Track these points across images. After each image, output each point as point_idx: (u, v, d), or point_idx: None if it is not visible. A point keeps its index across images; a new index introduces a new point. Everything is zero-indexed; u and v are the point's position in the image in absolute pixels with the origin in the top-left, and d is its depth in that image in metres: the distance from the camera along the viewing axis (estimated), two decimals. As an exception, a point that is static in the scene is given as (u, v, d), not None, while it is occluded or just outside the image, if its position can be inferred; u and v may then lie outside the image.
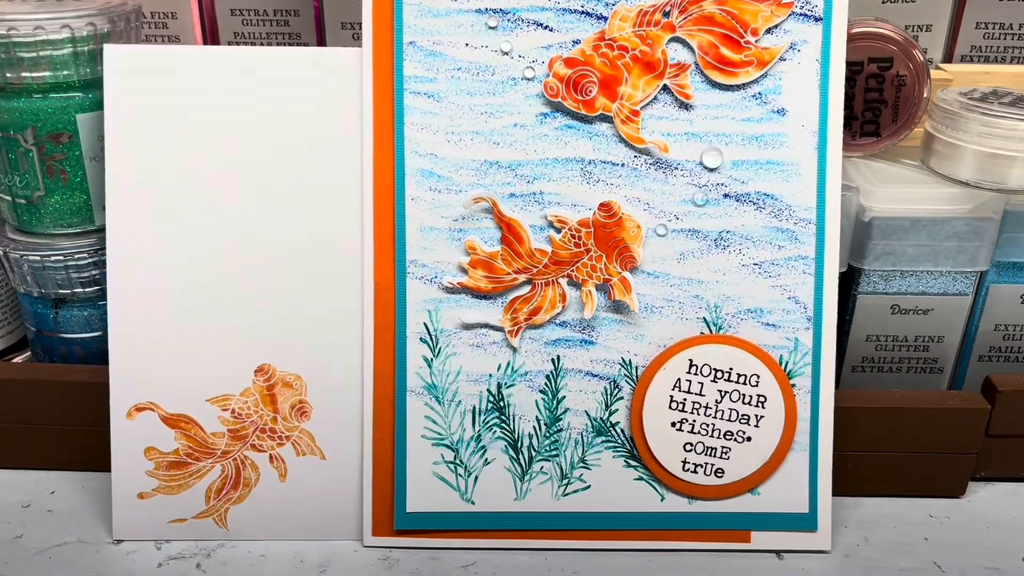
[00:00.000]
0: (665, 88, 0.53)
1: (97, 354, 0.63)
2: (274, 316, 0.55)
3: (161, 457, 0.57)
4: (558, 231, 0.54)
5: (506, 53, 0.53)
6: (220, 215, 0.55)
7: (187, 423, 0.56)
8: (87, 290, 0.62)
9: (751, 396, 0.55)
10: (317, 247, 0.55)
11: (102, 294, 0.60)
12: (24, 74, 0.56)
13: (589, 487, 0.56)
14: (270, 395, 0.56)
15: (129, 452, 0.56)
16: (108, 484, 0.56)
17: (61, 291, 0.62)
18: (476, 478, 0.56)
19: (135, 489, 0.57)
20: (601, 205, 0.54)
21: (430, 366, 0.55)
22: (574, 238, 0.54)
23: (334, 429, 0.56)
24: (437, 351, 0.55)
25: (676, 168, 0.54)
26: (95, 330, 0.63)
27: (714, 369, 0.55)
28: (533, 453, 0.56)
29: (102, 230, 0.59)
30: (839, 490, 0.59)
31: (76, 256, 0.61)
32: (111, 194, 0.55)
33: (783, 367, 0.55)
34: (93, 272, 0.62)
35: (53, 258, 0.60)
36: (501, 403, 0.55)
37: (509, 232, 0.54)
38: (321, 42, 0.74)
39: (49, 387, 0.60)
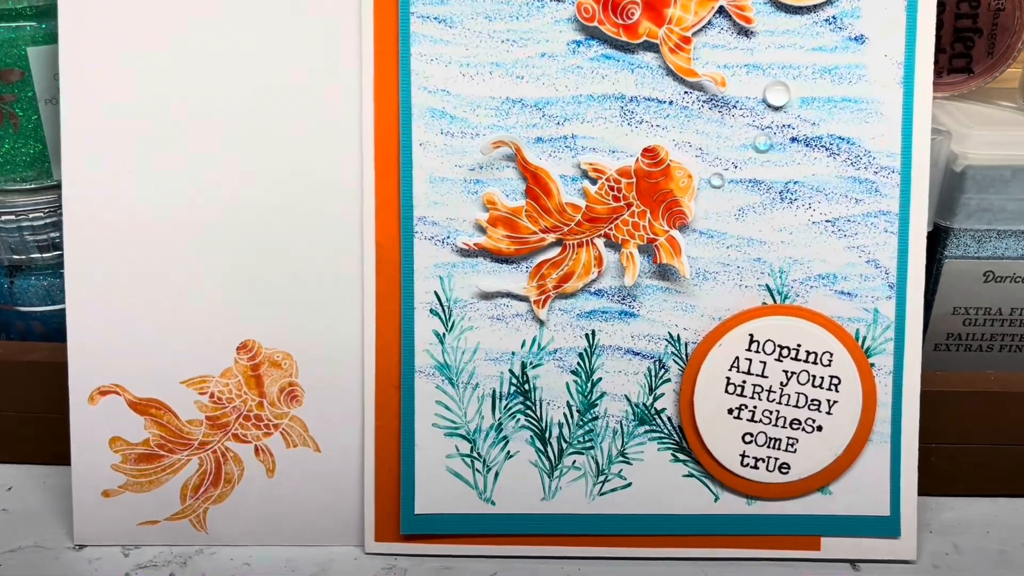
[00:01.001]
0: (721, 10, 0.49)
1: (59, 330, 0.59)
2: (259, 284, 0.52)
3: (128, 449, 0.53)
4: (593, 182, 0.50)
5: (532, -32, 0.49)
6: (196, 166, 0.51)
7: (158, 409, 0.53)
8: (45, 256, 0.59)
9: (822, 378, 0.50)
10: (309, 203, 0.51)
11: (63, 260, 0.53)
12: (-36, 2, 0.53)
13: (630, 485, 0.52)
14: (255, 376, 0.53)
15: (91, 443, 0.53)
16: (70, 480, 0.53)
17: (15, 257, 0.59)
18: (496, 474, 0.52)
19: (99, 486, 0.53)
20: (645, 151, 0.49)
21: (442, 342, 0.51)
22: (612, 190, 0.50)
23: (330, 416, 0.53)
24: (450, 325, 0.51)
25: (734, 107, 0.50)
26: (57, 302, 0.60)
27: (779, 346, 0.50)
28: (564, 445, 0.52)
29: (60, 186, 0.52)
30: (925, 489, 0.54)
31: (32, 216, 0.57)
32: (68, 142, 0.51)
33: (860, 343, 0.51)
34: (52, 234, 0.58)
35: (4, 218, 0.57)
36: (526, 386, 0.52)
37: (535, 183, 0.50)
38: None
39: (3, 368, 0.57)
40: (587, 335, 0.51)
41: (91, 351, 0.52)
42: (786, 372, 0.51)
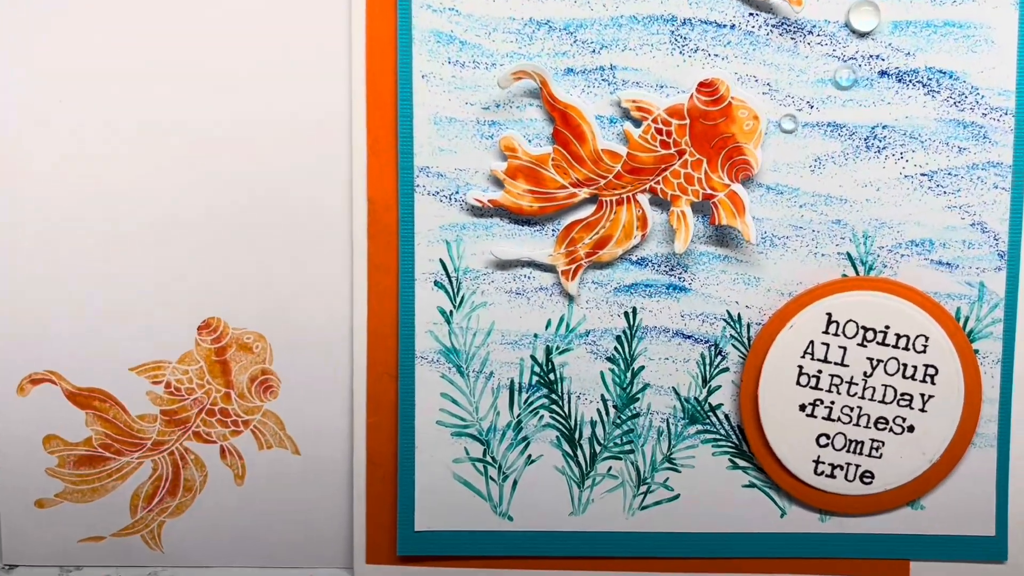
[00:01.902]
0: (797, -89, 0.46)
1: None
2: (225, 252, 0.50)
3: (66, 449, 0.52)
4: (637, 124, 0.47)
5: None
6: (149, 106, 0.49)
7: (103, 401, 0.51)
8: None
9: (915, 367, 0.48)
10: (286, 152, 0.49)
11: None
12: None
13: (677, 497, 0.50)
14: (220, 362, 0.51)
15: (21, 442, 0.51)
16: None
17: None
18: (515, 483, 0.50)
19: (31, 494, 0.52)
20: (700, 85, 0.46)
21: (449, 322, 0.49)
22: (660, 134, 0.47)
23: (312, 412, 0.51)
24: (459, 300, 0.49)
25: (811, 32, 0.47)
26: None
27: (863, 327, 0.48)
28: (597, 448, 0.50)
29: None
30: None
31: None
32: None
33: (962, 325, 0.49)
34: None
35: None
36: (551, 376, 0.50)
37: (565, 125, 0.47)
38: None
39: None
40: (627, 314, 0.49)
41: (19, 331, 0.50)
42: (871, 360, 0.48)
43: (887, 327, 0.47)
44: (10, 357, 0.50)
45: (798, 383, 0.48)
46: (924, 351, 0.47)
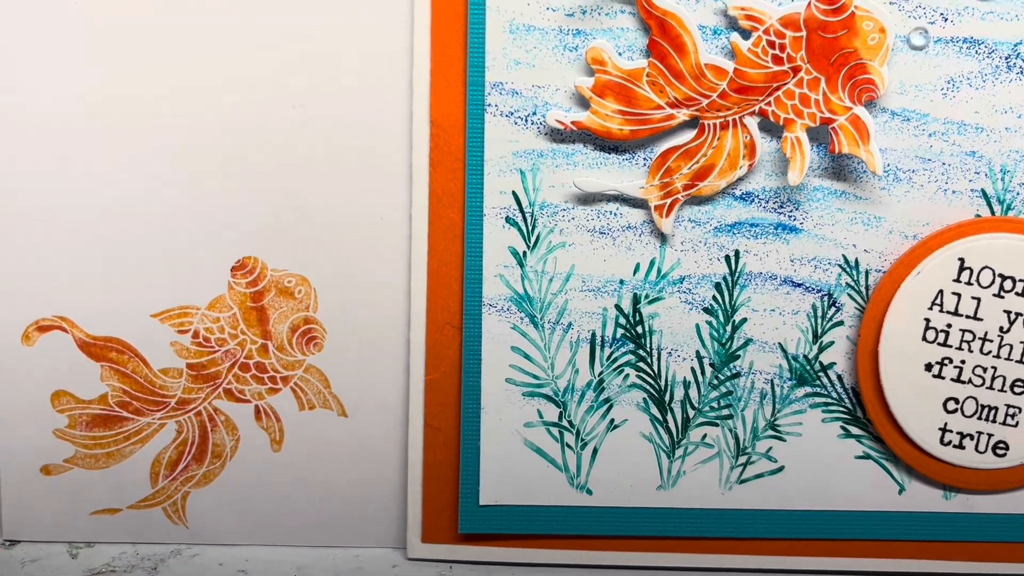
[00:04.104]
0: None
1: None
2: (265, 183, 0.47)
3: (79, 408, 0.49)
4: (746, 35, 0.44)
5: None
6: (191, 33, 0.45)
7: (120, 352, 0.48)
8: None
9: None
10: (336, 65, 0.46)
11: None
12: None
13: (782, 469, 0.48)
14: (257, 309, 0.48)
15: (26, 398, 0.49)
16: None
17: None
18: (595, 451, 0.48)
19: (37, 459, 0.49)
20: None
21: (522, 265, 0.46)
22: (772, 47, 0.44)
23: (361, 367, 0.49)
24: (534, 240, 0.46)
25: None
26: None
27: (999, 275, 0.45)
28: (691, 412, 0.47)
29: None
30: None
31: None
32: None
33: None
34: None
35: None
36: (639, 328, 0.47)
37: (663, 35, 0.43)
38: None
39: None
40: (728, 257, 0.47)
41: (26, 272, 0.48)
42: (1008, 313, 0.45)
43: (1028, 276, 0.43)
44: (14, 300, 0.48)
45: (924, 339, 0.45)
46: (1069, 304, 0.43)
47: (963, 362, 0.45)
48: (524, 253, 0.46)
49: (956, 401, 0.45)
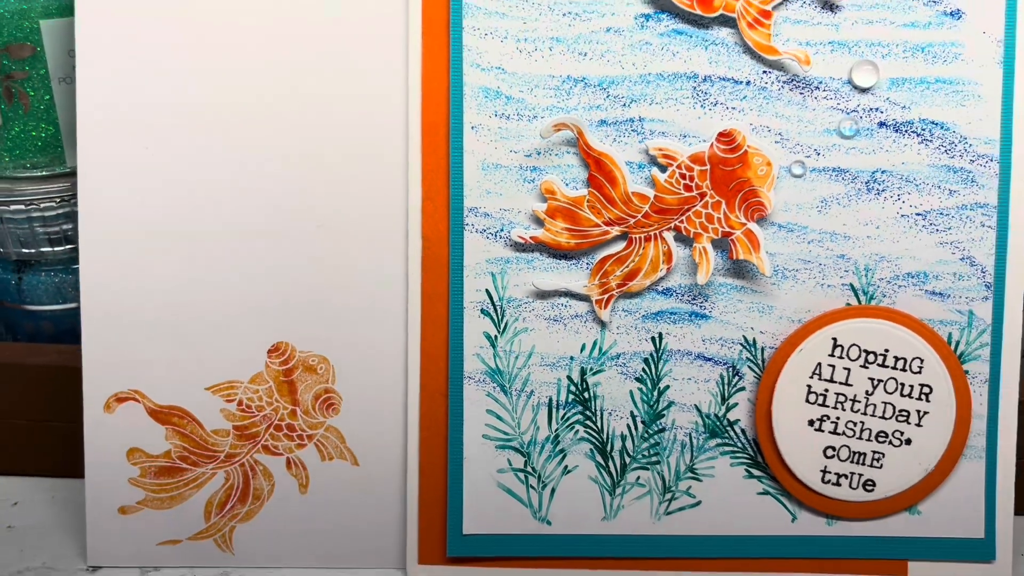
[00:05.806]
0: (805, -19, 0.47)
1: (72, 331, 0.59)
2: (293, 282, 0.50)
3: (148, 461, 0.52)
4: (663, 169, 0.48)
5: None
6: (224, 154, 0.49)
7: (181, 417, 0.51)
8: (57, 249, 0.58)
9: (912, 386, 0.49)
10: (348, 193, 0.50)
11: (76, 255, 0.55)
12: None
13: (699, 503, 0.51)
14: (288, 382, 0.51)
15: (108, 454, 0.51)
16: (83, 494, 0.52)
17: (24, 251, 0.58)
18: (553, 491, 0.51)
19: (115, 502, 0.52)
20: (720, 135, 0.48)
21: (494, 346, 0.50)
22: (684, 178, 0.48)
23: (370, 426, 0.51)
24: (503, 326, 0.50)
25: (817, 88, 0.48)
26: (68, 300, 0.59)
27: (864, 351, 0.49)
28: (627, 459, 0.51)
29: (75, 173, 0.52)
30: (1023, 509, 0.53)
31: (43, 205, 0.56)
32: (84, 125, 0.49)
33: (953, 348, 0.49)
34: (65, 226, 0.57)
35: (13, 207, 0.56)
36: (586, 394, 0.50)
37: (599, 170, 0.48)
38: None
39: (11, 372, 0.56)
40: (654, 338, 0.50)
41: (107, 354, 0.51)
42: (872, 380, 0.49)
43: (886, 350, 0.48)
44: (99, 378, 0.51)
45: (807, 400, 0.49)
46: (920, 372, 0.48)
47: (838, 418, 0.49)
48: (495, 337, 0.50)
49: (833, 449, 0.49)
